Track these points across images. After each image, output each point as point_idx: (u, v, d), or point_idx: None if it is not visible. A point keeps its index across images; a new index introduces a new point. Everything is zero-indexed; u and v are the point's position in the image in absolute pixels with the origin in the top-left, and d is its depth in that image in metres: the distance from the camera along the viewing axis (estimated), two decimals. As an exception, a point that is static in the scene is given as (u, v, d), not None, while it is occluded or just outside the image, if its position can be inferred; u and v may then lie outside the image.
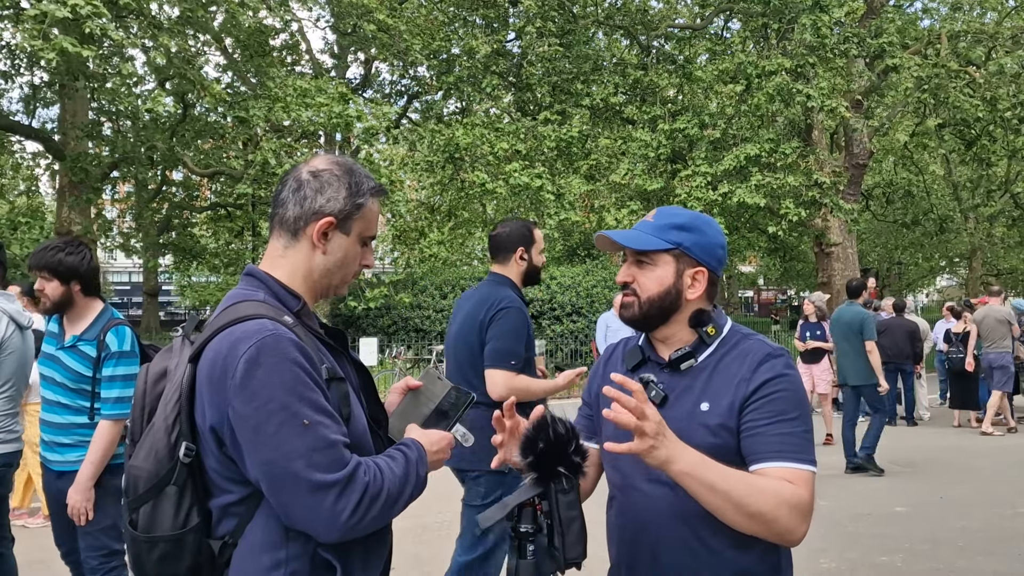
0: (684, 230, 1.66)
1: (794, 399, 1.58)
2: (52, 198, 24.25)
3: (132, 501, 1.44)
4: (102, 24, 11.78)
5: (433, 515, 5.95)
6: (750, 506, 1.46)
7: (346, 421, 1.46)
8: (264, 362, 1.35)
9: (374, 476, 1.41)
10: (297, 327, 1.46)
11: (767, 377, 1.58)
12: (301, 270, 1.56)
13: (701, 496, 1.47)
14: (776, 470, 1.52)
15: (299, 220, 1.55)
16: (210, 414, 1.38)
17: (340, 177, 1.57)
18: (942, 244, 30.58)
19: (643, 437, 1.39)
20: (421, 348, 15.98)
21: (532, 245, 3.36)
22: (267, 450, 1.34)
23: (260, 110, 14.83)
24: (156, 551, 1.42)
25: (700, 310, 1.68)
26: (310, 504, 1.34)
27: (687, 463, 1.44)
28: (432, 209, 21.98)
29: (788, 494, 1.49)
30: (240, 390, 1.35)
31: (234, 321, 1.42)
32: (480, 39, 18.24)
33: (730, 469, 1.49)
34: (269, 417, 1.34)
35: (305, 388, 1.38)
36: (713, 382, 1.62)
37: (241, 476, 1.40)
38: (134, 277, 43.08)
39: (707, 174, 16.82)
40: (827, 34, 16.65)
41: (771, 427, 1.55)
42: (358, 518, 1.37)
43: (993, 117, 18.57)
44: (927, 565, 4.98)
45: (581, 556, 1.51)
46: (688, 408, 1.61)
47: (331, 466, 1.35)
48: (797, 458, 1.53)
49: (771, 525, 1.48)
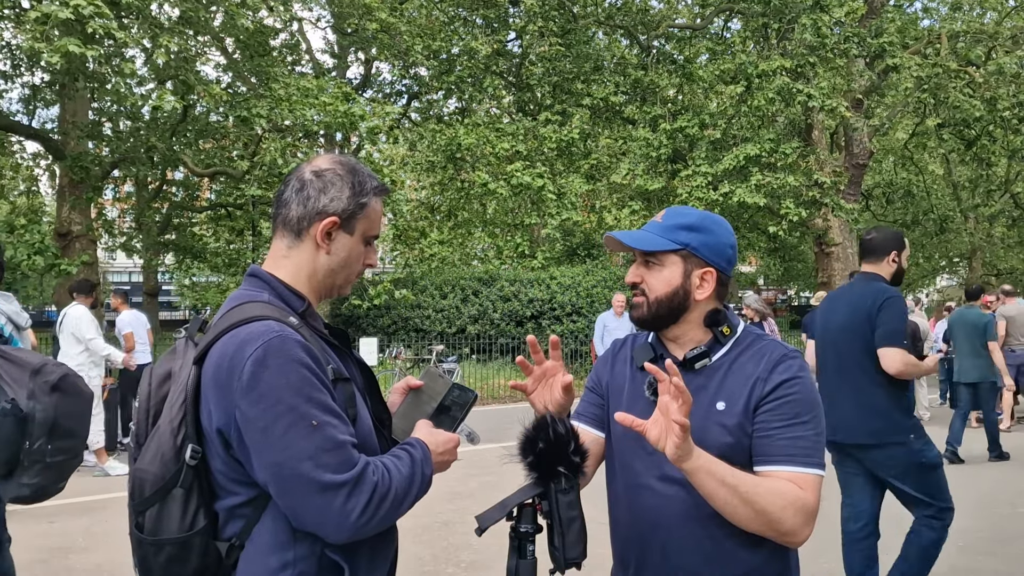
0: (692, 230, 1.66)
1: (808, 402, 1.59)
2: (52, 198, 24.25)
3: (138, 504, 1.44)
4: (104, 24, 11.78)
5: (433, 515, 5.94)
6: (757, 504, 1.48)
7: (352, 422, 1.45)
8: (271, 364, 1.35)
9: (382, 476, 1.40)
10: (302, 328, 1.46)
11: (784, 378, 1.58)
12: (305, 270, 1.56)
13: (712, 490, 1.48)
14: (783, 473, 1.54)
15: (302, 220, 1.54)
16: (216, 416, 1.38)
17: (343, 176, 1.57)
18: (942, 244, 30.58)
19: (683, 442, 1.43)
20: (421, 348, 15.97)
21: (903, 251, 3.80)
22: (275, 452, 1.34)
23: (262, 109, 14.83)
24: (163, 554, 1.41)
25: (715, 310, 1.68)
26: (319, 505, 1.34)
27: (703, 459, 1.47)
28: (432, 209, 21.98)
29: (794, 496, 1.51)
30: (247, 392, 1.34)
31: (240, 323, 1.41)
32: (480, 39, 18.23)
33: (737, 469, 1.51)
34: (277, 419, 1.34)
35: (312, 389, 1.37)
36: (728, 382, 1.62)
37: (248, 478, 1.40)
38: (134, 277, 43.06)
39: (707, 174, 16.82)
40: (827, 34, 16.65)
41: (783, 430, 1.56)
42: (367, 518, 1.37)
43: (993, 117, 18.57)
44: (927, 565, 4.97)
45: (581, 556, 1.52)
46: (704, 407, 1.61)
47: (340, 467, 1.35)
48: (806, 462, 1.54)
49: (776, 525, 1.50)
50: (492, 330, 16.30)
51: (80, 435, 2.66)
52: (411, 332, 16.80)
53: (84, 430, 2.68)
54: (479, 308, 16.60)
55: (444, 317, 16.78)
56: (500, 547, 1.59)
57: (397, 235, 18.06)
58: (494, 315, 16.44)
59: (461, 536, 5.49)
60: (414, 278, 17.93)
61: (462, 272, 18.29)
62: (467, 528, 5.53)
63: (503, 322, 16.43)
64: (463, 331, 16.45)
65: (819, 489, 1.55)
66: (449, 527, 5.74)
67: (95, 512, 6.20)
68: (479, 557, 5.01)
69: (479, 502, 5.28)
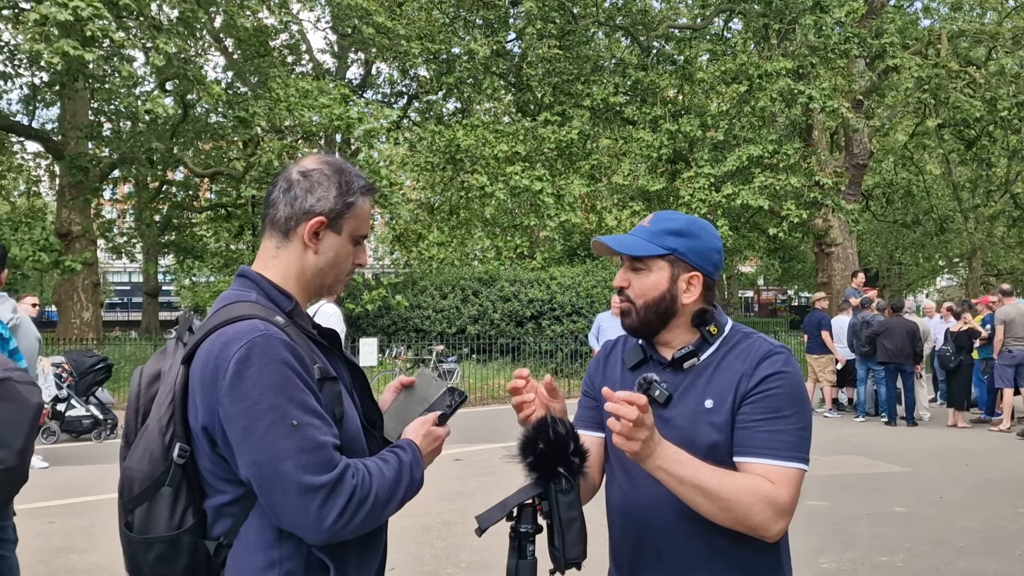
0: (679, 235, 1.68)
1: (791, 396, 1.59)
2: (53, 198, 24.27)
3: (127, 502, 1.45)
4: (103, 26, 11.79)
5: (433, 515, 5.95)
6: (722, 499, 1.49)
7: (339, 421, 1.46)
8: (254, 362, 1.36)
9: (362, 479, 1.40)
10: (289, 327, 1.47)
11: (767, 373, 1.59)
12: (293, 270, 1.57)
13: (673, 488, 1.50)
14: (758, 466, 1.54)
15: (290, 220, 1.55)
16: (202, 414, 1.39)
17: (330, 176, 1.57)
18: (942, 244, 30.59)
19: (632, 440, 1.44)
20: (421, 348, 15.98)
21: None
22: (256, 451, 1.35)
23: (261, 110, 14.84)
24: (152, 552, 1.42)
25: (702, 309, 1.70)
26: (296, 506, 1.35)
27: (663, 458, 1.47)
28: (432, 209, 21.98)
29: (766, 490, 1.51)
30: (230, 390, 1.35)
31: (226, 322, 1.42)
32: (480, 40, 18.23)
33: (705, 465, 1.51)
34: (258, 417, 1.34)
35: (295, 389, 1.38)
36: (715, 380, 1.63)
37: (234, 476, 1.41)
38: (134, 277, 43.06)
39: (710, 175, 16.81)
40: (828, 34, 16.64)
41: (763, 423, 1.56)
42: (344, 522, 1.37)
43: (993, 117, 18.57)
44: (927, 565, 4.98)
45: (581, 556, 1.52)
46: (693, 406, 1.62)
47: (319, 468, 1.35)
48: (784, 455, 1.55)
49: (744, 520, 1.51)
50: (492, 330, 16.30)
51: (11, 445, 2.49)
52: (411, 332, 16.80)
53: (16, 441, 2.50)
54: (479, 308, 16.60)
55: (444, 317, 16.77)
56: (500, 547, 1.59)
57: (396, 237, 18.06)
58: (494, 315, 16.44)
59: (461, 536, 5.49)
60: (414, 278, 17.94)
61: (462, 272, 18.29)
62: (467, 528, 5.53)
63: (503, 322, 16.43)
64: (463, 331, 16.45)
65: (796, 484, 1.55)
66: (449, 527, 5.75)
67: (95, 512, 6.19)
68: (479, 557, 5.01)
69: (479, 502, 5.29)
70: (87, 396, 9.98)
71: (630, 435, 1.42)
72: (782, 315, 41.99)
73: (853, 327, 11.62)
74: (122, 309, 51.26)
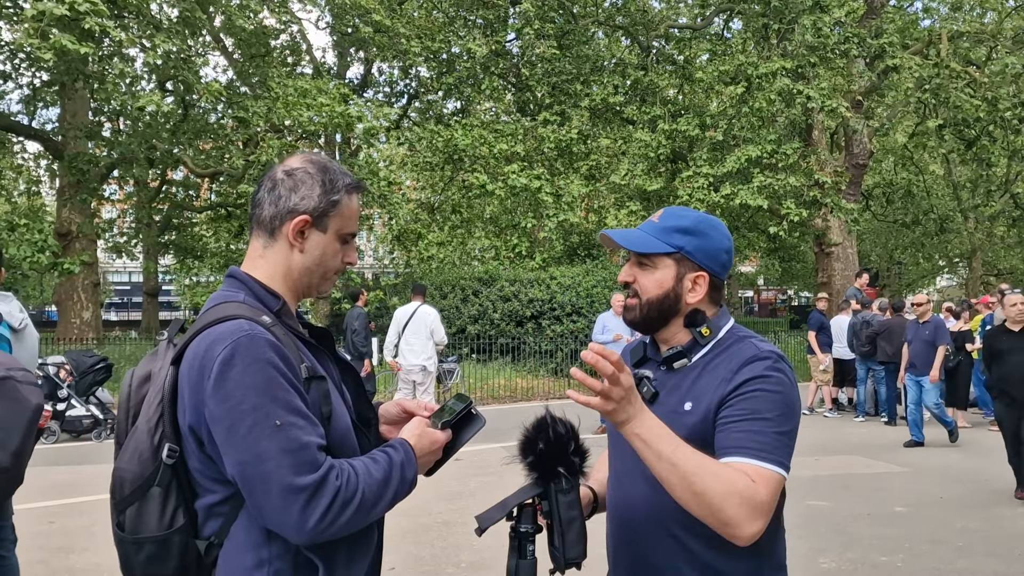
0: (687, 233, 1.65)
1: (772, 399, 1.52)
2: (53, 198, 24.28)
3: (118, 503, 1.46)
4: (100, 21, 11.78)
5: (433, 515, 5.95)
6: (695, 484, 1.40)
7: (328, 419, 1.46)
8: (237, 363, 1.36)
9: (347, 480, 1.39)
10: (275, 327, 1.47)
11: (747, 377, 1.54)
12: (280, 269, 1.57)
13: (650, 463, 1.44)
14: (736, 464, 1.46)
15: (275, 219, 1.56)
16: (189, 414, 1.40)
17: (314, 175, 1.58)
18: (942, 244, 30.59)
19: (607, 400, 1.39)
20: (421, 348, 15.96)
21: None
22: (239, 451, 1.35)
23: (260, 109, 14.83)
24: (143, 552, 1.43)
25: (695, 310, 1.67)
26: (280, 506, 1.34)
27: (643, 427, 1.42)
28: (432, 209, 21.97)
29: (742, 486, 1.42)
30: (215, 391, 1.36)
31: (213, 322, 1.43)
32: (479, 40, 18.22)
33: (688, 447, 1.44)
34: (242, 417, 1.35)
35: (279, 389, 1.38)
36: (699, 382, 1.60)
37: (223, 476, 1.41)
38: (134, 277, 43.06)
39: (709, 175, 16.81)
40: (827, 34, 16.63)
41: (739, 424, 1.50)
42: (328, 523, 1.36)
43: (993, 117, 18.56)
44: (927, 565, 4.98)
45: (581, 556, 1.52)
46: (672, 406, 1.60)
47: (302, 468, 1.35)
48: (762, 456, 1.46)
49: (717, 512, 1.41)
50: (492, 330, 16.29)
51: (6, 446, 2.43)
52: (411, 332, 16.78)
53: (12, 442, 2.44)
54: (479, 308, 16.59)
55: (444, 317, 16.72)
56: (500, 547, 1.59)
57: (395, 237, 18.05)
58: (494, 315, 16.44)
59: (461, 536, 5.49)
60: (414, 278, 17.93)
61: (462, 272, 18.28)
62: (467, 528, 5.53)
63: (503, 322, 16.43)
64: (463, 331, 16.44)
65: (774, 487, 1.45)
66: (449, 527, 5.75)
67: (95, 512, 6.19)
68: (479, 557, 5.01)
69: (479, 502, 5.29)
70: (87, 396, 9.98)
71: (606, 393, 1.38)
72: (782, 315, 41.97)
73: (853, 327, 11.63)
74: (122, 309, 51.29)
